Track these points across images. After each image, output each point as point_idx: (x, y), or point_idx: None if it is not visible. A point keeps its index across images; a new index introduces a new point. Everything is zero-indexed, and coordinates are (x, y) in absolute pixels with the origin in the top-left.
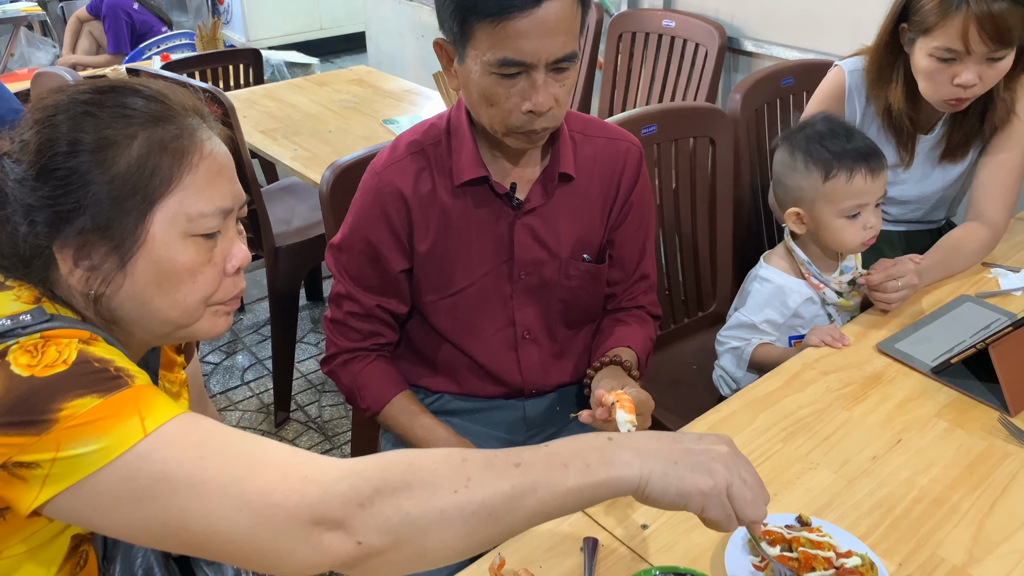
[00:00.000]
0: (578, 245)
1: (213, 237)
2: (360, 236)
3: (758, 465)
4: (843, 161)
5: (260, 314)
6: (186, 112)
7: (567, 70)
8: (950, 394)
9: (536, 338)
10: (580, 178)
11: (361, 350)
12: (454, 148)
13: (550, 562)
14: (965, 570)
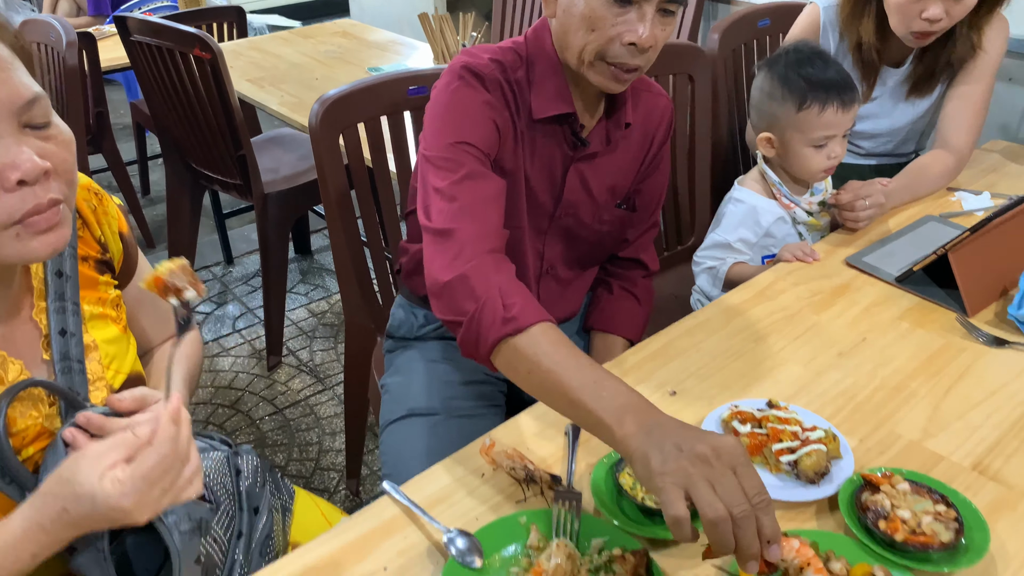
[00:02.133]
0: (613, 193)
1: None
2: (463, 117)
3: (731, 362)
4: (817, 93)
5: (249, 266)
6: None
7: (672, 14)
8: (912, 299)
9: (556, 274)
10: (630, 129)
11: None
12: (535, 79)
13: (536, 444)
14: (920, 444)
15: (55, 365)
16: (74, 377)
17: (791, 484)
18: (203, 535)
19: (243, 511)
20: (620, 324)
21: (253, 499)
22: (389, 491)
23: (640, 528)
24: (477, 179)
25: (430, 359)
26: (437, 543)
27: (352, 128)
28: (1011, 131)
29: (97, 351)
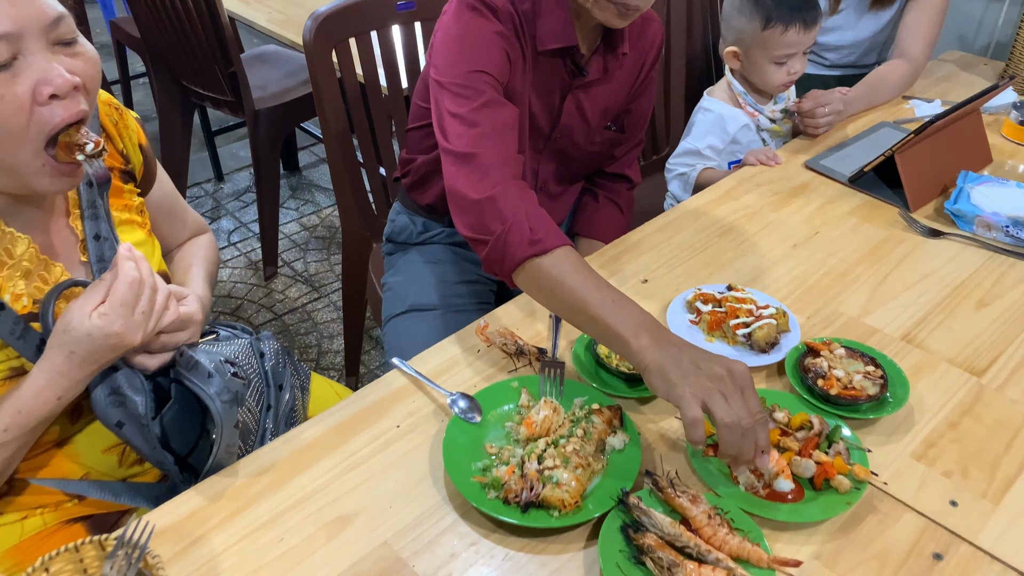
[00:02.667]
0: (605, 115)
1: (6, 67)
2: (474, 46)
3: (697, 254)
4: (781, 13)
5: (239, 182)
6: None
7: None
8: (863, 198)
9: (548, 190)
10: (625, 57)
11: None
12: (541, 11)
13: (524, 325)
14: (859, 319)
15: (92, 266)
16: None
17: (746, 353)
18: (239, 405)
19: (269, 387)
20: (603, 231)
21: (277, 377)
22: (398, 365)
23: (614, 390)
24: (494, 107)
25: (429, 261)
26: (442, 405)
27: (344, 43)
28: (967, 42)
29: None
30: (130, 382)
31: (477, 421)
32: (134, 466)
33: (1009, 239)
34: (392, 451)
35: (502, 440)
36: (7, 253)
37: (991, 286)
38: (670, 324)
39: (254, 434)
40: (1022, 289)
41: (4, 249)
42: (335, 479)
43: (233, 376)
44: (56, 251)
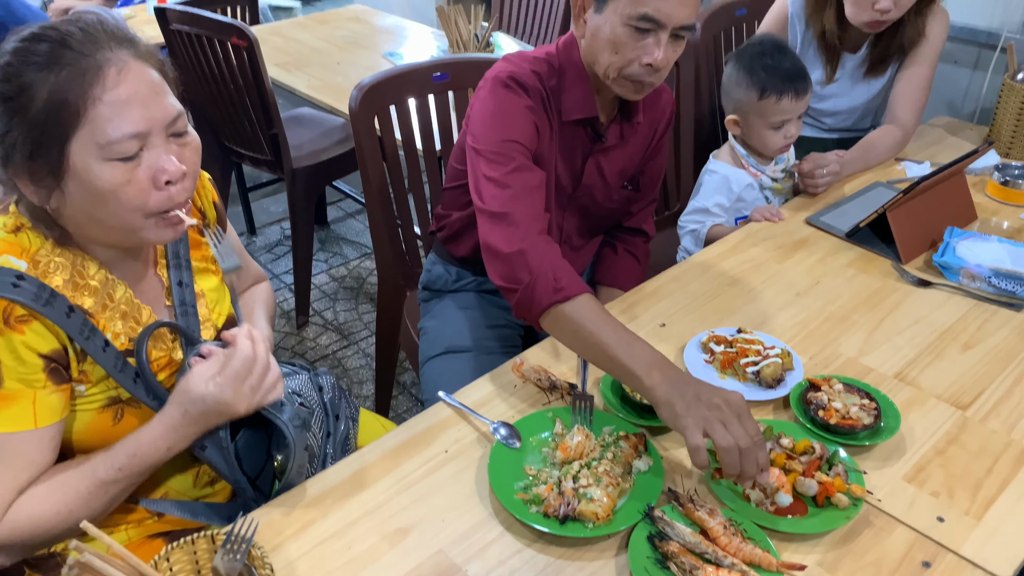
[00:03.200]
0: (622, 175)
1: (134, 158)
2: (508, 119)
3: (709, 301)
4: (775, 84)
5: (271, 236)
6: (100, 48)
7: (682, 39)
8: (859, 251)
9: (571, 243)
10: (640, 124)
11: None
12: (565, 87)
13: (555, 363)
14: (856, 360)
15: (175, 309)
16: (189, 319)
17: (755, 388)
18: (307, 430)
19: (328, 416)
20: (623, 280)
21: (334, 408)
22: (444, 398)
23: (639, 419)
24: (524, 171)
25: (461, 307)
26: (484, 433)
27: (385, 109)
28: (956, 108)
29: (204, 298)
30: None
31: (517, 447)
32: (206, 487)
33: (992, 289)
34: (442, 472)
35: (540, 463)
36: (109, 297)
37: (975, 331)
38: (687, 363)
39: (316, 458)
40: (1003, 333)
41: (107, 294)
42: (393, 496)
43: (300, 405)
44: (146, 296)
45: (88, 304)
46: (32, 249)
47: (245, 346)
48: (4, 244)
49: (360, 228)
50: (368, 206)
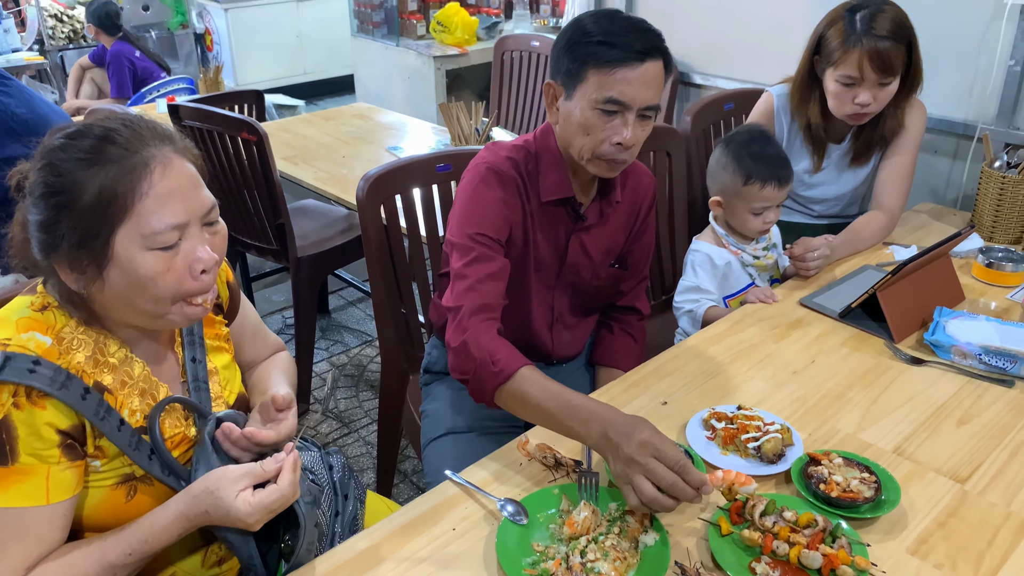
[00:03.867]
0: (608, 254)
1: (173, 247)
2: (480, 208)
3: (710, 379)
4: (759, 172)
5: (272, 325)
6: (147, 145)
7: (649, 118)
8: (852, 331)
9: (565, 321)
10: (622, 202)
11: (489, 317)
12: (542, 169)
13: (561, 442)
14: (855, 435)
15: (189, 384)
16: (201, 395)
17: (756, 464)
18: (317, 507)
19: (337, 496)
20: (620, 360)
21: (343, 487)
22: (450, 476)
23: None
24: (483, 261)
25: (462, 388)
26: (492, 511)
27: (391, 199)
28: (939, 195)
29: (217, 375)
30: None
31: (524, 523)
32: (213, 567)
33: (983, 366)
34: (451, 549)
35: (547, 539)
36: (128, 375)
37: (970, 406)
38: (689, 439)
39: (325, 536)
40: (997, 409)
41: (126, 371)
42: (403, 572)
43: (311, 482)
44: (164, 375)
45: (108, 381)
46: (57, 326)
47: (286, 487)
48: (31, 321)
49: (361, 316)
50: (373, 291)
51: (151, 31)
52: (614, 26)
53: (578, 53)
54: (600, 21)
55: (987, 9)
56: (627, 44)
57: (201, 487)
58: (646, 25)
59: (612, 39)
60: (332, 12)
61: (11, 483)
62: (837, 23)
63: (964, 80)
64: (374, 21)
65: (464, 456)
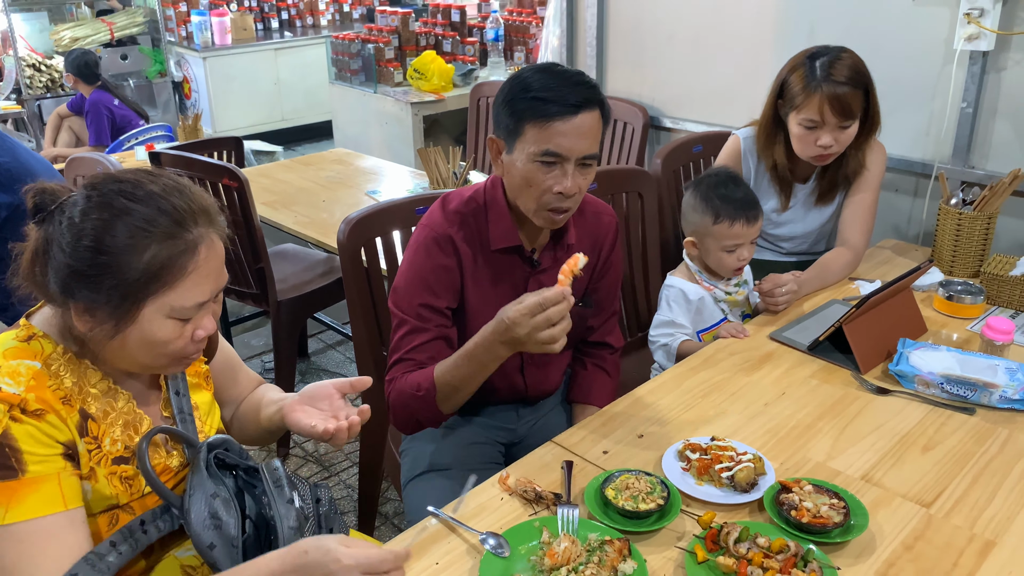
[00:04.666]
0: (571, 293)
1: (190, 319)
2: (422, 281)
3: (684, 412)
4: (728, 211)
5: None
6: (197, 224)
7: (589, 166)
8: (821, 363)
9: (536, 362)
10: (576, 245)
11: (406, 370)
12: (491, 219)
13: (540, 476)
14: (824, 464)
15: (175, 417)
16: (188, 425)
17: (730, 493)
18: (300, 534)
19: (321, 528)
20: (594, 396)
21: (328, 522)
22: (432, 511)
23: (622, 525)
24: (416, 332)
25: (441, 428)
26: (474, 544)
27: (371, 241)
28: (901, 231)
29: (198, 410)
30: (225, 507)
31: (507, 555)
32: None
33: (945, 394)
34: None
35: (529, 571)
36: (111, 405)
37: (933, 434)
38: (665, 470)
39: None
40: (959, 436)
41: (109, 402)
42: None
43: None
44: (147, 406)
45: (92, 409)
46: (44, 353)
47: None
48: (17, 350)
49: (341, 359)
50: (354, 333)
51: (129, 80)
52: (549, 80)
53: (515, 108)
54: (536, 76)
55: (939, 55)
56: (561, 97)
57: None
58: (581, 78)
59: (547, 93)
60: (310, 59)
61: (26, 495)
62: (799, 69)
63: (921, 122)
64: (352, 69)
65: (444, 493)
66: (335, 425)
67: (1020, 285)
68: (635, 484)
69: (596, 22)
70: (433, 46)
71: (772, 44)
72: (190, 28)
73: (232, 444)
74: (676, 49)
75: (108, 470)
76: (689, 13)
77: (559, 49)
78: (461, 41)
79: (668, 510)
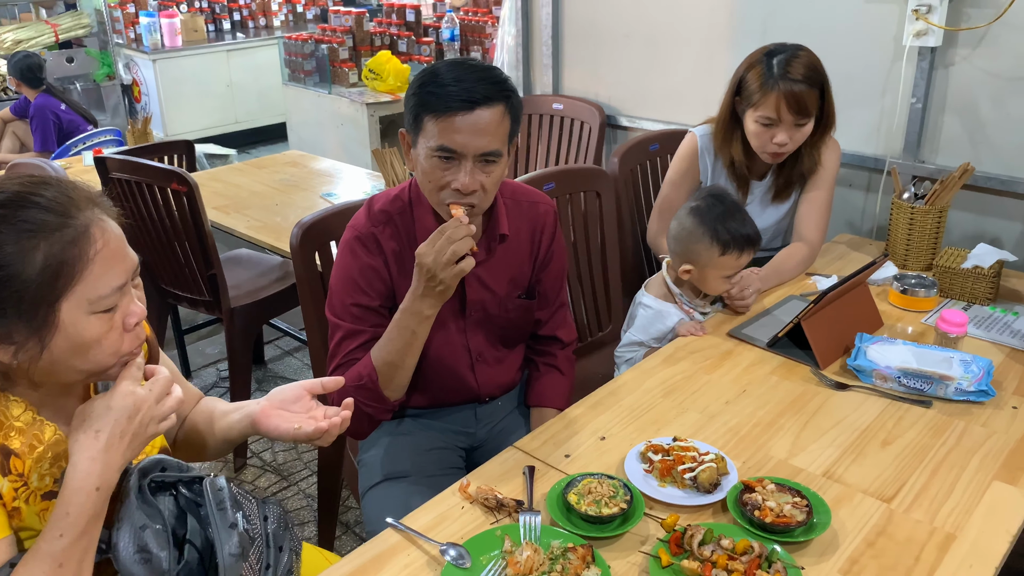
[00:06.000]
0: (512, 285)
1: (112, 309)
2: (351, 282)
3: (646, 412)
4: (736, 244)
5: (206, 378)
6: (81, 209)
7: (493, 163)
8: (780, 360)
9: (486, 359)
10: (512, 235)
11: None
12: (416, 216)
13: (502, 483)
14: (787, 462)
15: None
16: None
17: (693, 494)
18: (244, 560)
19: (270, 548)
20: (549, 398)
21: (278, 539)
22: (392, 523)
23: (584, 531)
24: (351, 337)
25: (399, 434)
26: (434, 556)
27: (325, 246)
28: (856, 226)
29: None
30: (157, 538)
31: (468, 566)
32: None
33: (902, 388)
34: None
35: None
36: (37, 439)
37: (892, 427)
38: (628, 473)
39: None
40: (917, 429)
41: (35, 435)
42: None
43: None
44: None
45: (15, 444)
46: None
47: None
48: None
49: (299, 365)
50: (309, 339)
51: (76, 83)
52: (453, 74)
53: (417, 102)
54: (443, 69)
55: (889, 51)
56: (459, 93)
57: (79, 417)
58: (488, 73)
59: (446, 88)
60: (263, 61)
61: None
62: (756, 67)
63: (873, 118)
64: (305, 70)
65: (403, 501)
66: (327, 423)
67: (972, 277)
68: (597, 488)
69: (551, 21)
70: (388, 46)
71: (726, 42)
72: (139, 30)
73: (168, 462)
74: (632, 48)
75: (38, 507)
76: (644, 12)
77: (515, 49)
78: (416, 41)
79: (631, 514)
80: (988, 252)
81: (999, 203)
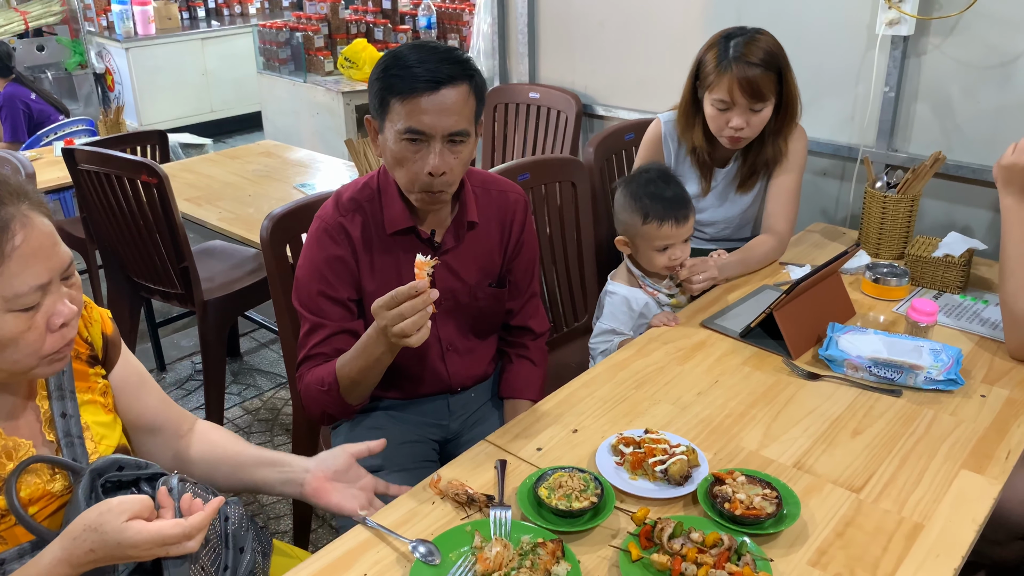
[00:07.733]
0: (482, 274)
1: (34, 307)
2: (317, 274)
3: (618, 404)
4: (657, 211)
5: (181, 372)
6: (3, 204)
7: (461, 143)
8: (752, 350)
9: (457, 348)
10: (482, 223)
11: (313, 365)
12: (385, 204)
13: (474, 477)
14: (758, 453)
15: (60, 441)
16: (76, 449)
17: (664, 486)
18: (192, 563)
19: (229, 549)
20: (521, 389)
21: (239, 540)
22: (362, 520)
23: (555, 525)
24: (316, 331)
25: (371, 427)
26: (404, 553)
27: (297, 238)
28: (829, 215)
29: (90, 430)
30: None
31: (437, 563)
32: None
33: (873, 377)
34: None
35: None
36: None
37: (862, 417)
38: (599, 466)
39: None
40: (887, 418)
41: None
42: None
43: None
44: (23, 431)
45: None
46: None
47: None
48: None
49: (274, 358)
50: (281, 333)
51: (47, 72)
52: (415, 55)
53: (382, 86)
54: (405, 51)
55: (862, 40)
56: (423, 73)
57: (81, 526)
58: (449, 53)
59: (409, 69)
60: (238, 49)
61: None
62: (713, 48)
63: (846, 106)
64: (280, 58)
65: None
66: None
67: (942, 266)
68: (568, 482)
69: (527, 9)
70: (364, 34)
71: (700, 30)
72: (111, 17)
73: (126, 461)
74: (607, 36)
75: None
76: (618, 0)
77: (491, 37)
78: (393, 29)
79: (602, 508)
80: (958, 241)
81: (970, 191)
